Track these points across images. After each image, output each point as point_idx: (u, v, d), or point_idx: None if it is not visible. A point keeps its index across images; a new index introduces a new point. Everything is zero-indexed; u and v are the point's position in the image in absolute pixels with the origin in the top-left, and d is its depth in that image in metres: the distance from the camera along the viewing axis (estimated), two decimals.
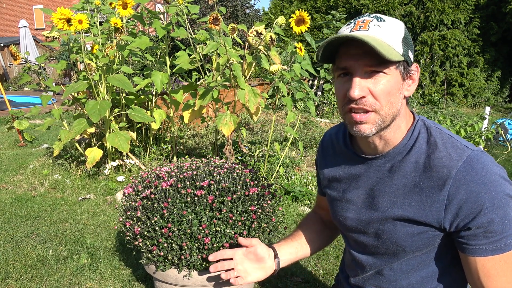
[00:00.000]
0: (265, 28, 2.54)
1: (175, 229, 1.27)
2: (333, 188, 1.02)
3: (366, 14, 0.83)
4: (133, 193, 1.47)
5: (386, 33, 0.78)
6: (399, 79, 0.80)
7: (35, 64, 3.47)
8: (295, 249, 1.13)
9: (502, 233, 0.76)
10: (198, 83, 3.22)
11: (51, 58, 14.87)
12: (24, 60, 3.25)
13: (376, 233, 0.90)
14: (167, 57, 3.37)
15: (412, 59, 0.82)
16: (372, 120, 0.81)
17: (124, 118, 3.60)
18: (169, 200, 1.31)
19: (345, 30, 0.81)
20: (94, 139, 3.77)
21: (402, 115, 0.85)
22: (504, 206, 0.76)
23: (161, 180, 1.43)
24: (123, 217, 1.41)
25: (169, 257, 1.27)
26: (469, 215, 0.77)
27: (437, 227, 0.82)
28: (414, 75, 0.84)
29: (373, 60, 0.76)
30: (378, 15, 0.81)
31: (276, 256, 1.09)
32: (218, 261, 1.07)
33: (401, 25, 0.81)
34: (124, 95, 3.55)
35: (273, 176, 3.27)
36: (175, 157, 3.55)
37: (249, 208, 1.32)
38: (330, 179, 1.03)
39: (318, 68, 7.43)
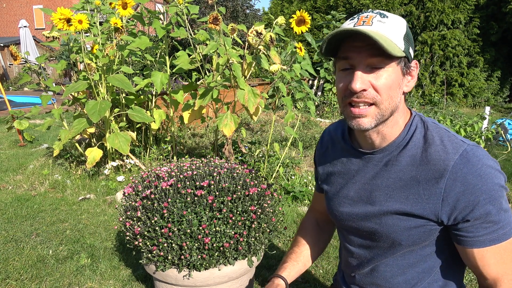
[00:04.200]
0: (265, 28, 2.54)
1: (175, 229, 1.27)
2: (331, 183, 1.03)
3: (369, 10, 0.84)
4: (133, 193, 1.47)
5: (388, 29, 0.80)
6: (400, 75, 0.82)
7: (35, 64, 3.47)
8: (298, 268, 1.13)
9: (499, 223, 0.79)
10: (198, 83, 3.21)
11: (51, 58, 14.86)
12: (24, 60, 3.25)
13: (372, 228, 0.92)
14: (167, 57, 3.37)
15: (412, 56, 0.84)
16: (372, 113, 0.82)
17: (124, 118, 3.60)
18: (169, 200, 1.31)
19: (349, 25, 0.82)
20: (94, 139, 3.77)
21: (400, 110, 0.87)
22: (499, 197, 0.79)
23: (161, 180, 1.43)
24: (123, 217, 1.41)
25: (169, 257, 1.28)
26: (467, 207, 0.79)
27: (434, 220, 0.83)
28: (413, 71, 0.85)
29: (375, 54, 0.78)
30: (381, 11, 0.83)
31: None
32: None
33: (403, 22, 0.82)
34: (124, 95, 3.55)
35: (273, 176, 3.27)
36: (175, 157, 3.55)
37: (249, 208, 1.32)
38: (328, 174, 1.04)
39: (318, 68, 7.42)
